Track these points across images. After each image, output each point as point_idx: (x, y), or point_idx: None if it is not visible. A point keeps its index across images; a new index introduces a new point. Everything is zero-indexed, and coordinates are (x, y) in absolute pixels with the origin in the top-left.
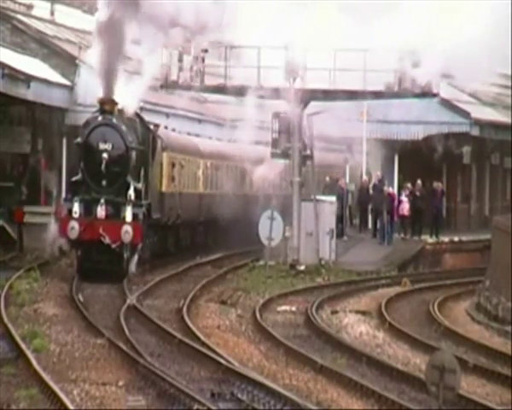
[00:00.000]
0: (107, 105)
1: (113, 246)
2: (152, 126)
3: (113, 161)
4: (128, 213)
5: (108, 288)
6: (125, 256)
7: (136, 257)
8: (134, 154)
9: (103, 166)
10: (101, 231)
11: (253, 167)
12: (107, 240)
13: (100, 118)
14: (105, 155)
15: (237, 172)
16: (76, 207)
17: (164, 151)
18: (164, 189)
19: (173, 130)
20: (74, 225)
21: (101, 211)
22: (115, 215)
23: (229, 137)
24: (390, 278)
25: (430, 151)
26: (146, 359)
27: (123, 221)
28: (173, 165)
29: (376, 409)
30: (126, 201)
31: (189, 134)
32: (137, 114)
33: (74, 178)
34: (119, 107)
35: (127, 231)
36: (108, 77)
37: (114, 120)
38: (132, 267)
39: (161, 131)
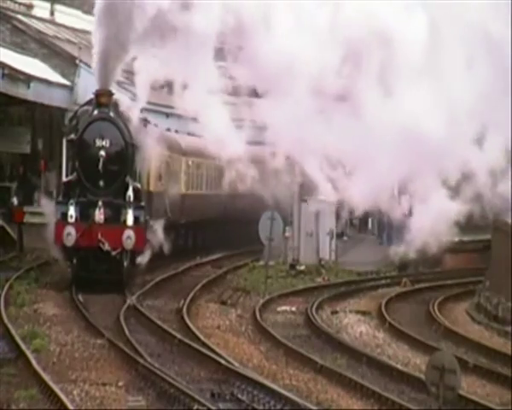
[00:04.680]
0: (103, 97)
1: (114, 253)
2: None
3: (110, 159)
4: (129, 217)
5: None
6: (124, 264)
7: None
8: (132, 150)
9: (100, 165)
10: (99, 236)
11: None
12: (106, 246)
13: (96, 112)
14: (102, 153)
15: (218, 170)
16: (72, 211)
17: (152, 147)
18: (152, 188)
19: (155, 125)
20: (70, 230)
21: (99, 214)
22: (114, 219)
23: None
24: (390, 278)
25: None
26: (146, 359)
27: (124, 225)
28: (160, 162)
29: (376, 409)
30: (126, 202)
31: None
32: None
33: (67, 179)
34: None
35: (129, 237)
36: (106, 66)
37: (112, 114)
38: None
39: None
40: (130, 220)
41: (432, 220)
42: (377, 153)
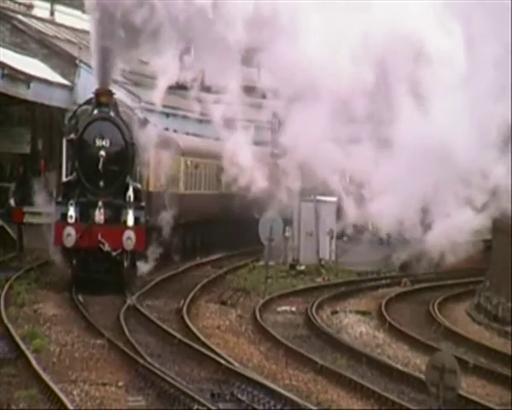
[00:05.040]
0: (103, 97)
1: (114, 254)
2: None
3: (111, 159)
4: (130, 217)
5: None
6: (125, 265)
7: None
8: (133, 150)
9: (100, 165)
10: (99, 237)
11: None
12: (106, 247)
13: (96, 111)
14: (102, 153)
15: (216, 170)
16: (72, 212)
17: (150, 147)
18: (151, 188)
19: (155, 125)
20: (70, 231)
21: (99, 215)
22: (115, 219)
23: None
24: (390, 278)
25: None
26: (146, 359)
27: (124, 226)
28: (159, 162)
29: (376, 409)
30: (126, 203)
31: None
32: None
33: (67, 179)
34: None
35: (129, 237)
36: (105, 64)
37: (112, 114)
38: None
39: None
40: (130, 221)
41: (453, 234)
42: (405, 174)
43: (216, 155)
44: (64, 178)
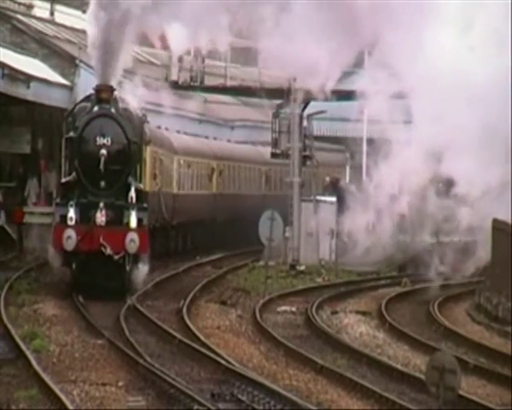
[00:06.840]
0: (104, 93)
1: (116, 258)
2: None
3: (112, 159)
4: (132, 219)
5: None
6: (127, 268)
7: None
8: (135, 149)
9: (101, 165)
10: (101, 240)
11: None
12: (108, 251)
13: (96, 108)
14: (103, 152)
15: (210, 169)
16: (72, 213)
17: (147, 145)
18: (147, 188)
19: (148, 122)
20: (71, 233)
21: (100, 217)
22: (116, 221)
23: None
24: (390, 278)
25: None
26: (146, 359)
27: (127, 228)
28: (155, 161)
29: (376, 409)
30: (128, 204)
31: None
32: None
33: (66, 179)
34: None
35: (133, 240)
36: (106, 59)
37: (113, 111)
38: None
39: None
40: (133, 222)
41: None
42: None
43: (209, 154)
44: (63, 179)
